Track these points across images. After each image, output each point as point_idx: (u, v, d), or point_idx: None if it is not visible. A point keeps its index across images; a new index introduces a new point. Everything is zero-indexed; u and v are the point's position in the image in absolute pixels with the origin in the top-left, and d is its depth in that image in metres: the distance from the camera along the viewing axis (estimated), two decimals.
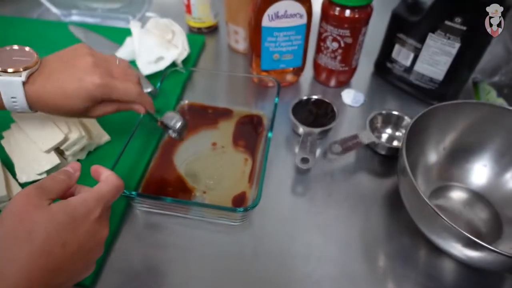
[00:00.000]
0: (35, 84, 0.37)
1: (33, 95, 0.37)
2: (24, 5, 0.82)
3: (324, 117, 0.55)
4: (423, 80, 0.58)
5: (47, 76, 0.37)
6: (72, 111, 0.39)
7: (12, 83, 0.35)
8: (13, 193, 0.45)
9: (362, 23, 0.54)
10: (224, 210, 0.43)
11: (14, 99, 0.36)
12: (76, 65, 0.38)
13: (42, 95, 0.37)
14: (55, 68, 0.38)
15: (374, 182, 0.51)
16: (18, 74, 0.35)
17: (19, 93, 0.36)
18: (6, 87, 0.35)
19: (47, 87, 0.37)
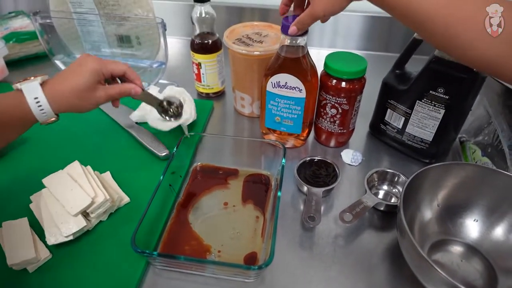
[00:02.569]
0: (49, 84, 0.46)
1: (51, 90, 0.46)
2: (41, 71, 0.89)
3: (327, 176, 0.60)
4: (415, 141, 0.64)
5: (57, 76, 0.48)
6: (82, 91, 0.47)
7: (31, 86, 0.45)
8: (40, 255, 0.48)
9: (357, 92, 0.61)
10: (239, 268, 0.46)
11: (37, 99, 0.45)
12: (76, 61, 0.49)
13: (57, 86, 0.46)
14: (62, 72, 0.49)
15: (375, 237, 0.55)
16: (33, 80, 0.45)
17: (39, 92, 0.45)
18: (28, 91, 0.44)
19: (59, 79, 0.47)
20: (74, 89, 0.47)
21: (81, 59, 0.49)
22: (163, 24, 0.73)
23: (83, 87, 0.47)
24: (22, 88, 0.44)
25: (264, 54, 0.66)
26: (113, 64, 0.51)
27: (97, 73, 0.48)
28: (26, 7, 1.08)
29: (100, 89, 0.49)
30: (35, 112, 0.45)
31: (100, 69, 0.49)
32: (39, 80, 0.45)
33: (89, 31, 0.78)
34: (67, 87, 0.47)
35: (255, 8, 1.00)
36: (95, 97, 0.49)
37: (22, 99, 0.44)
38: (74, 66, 0.49)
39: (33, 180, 0.57)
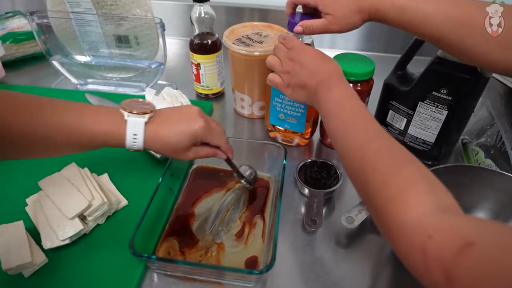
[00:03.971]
0: (153, 124, 0.45)
1: (151, 133, 0.45)
2: (42, 75, 0.89)
3: (329, 179, 0.59)
4: (417, 142, 0.64)
5: (164, 119, 0.46)
6: (177, 148, 0.46)
7: (136, 122, 0.44)
8: (36, 259, 0.47)
9: (365, 94, 0.60)
10: (240, 272, 0.45)
11: (135, 136, 0.44)
12: (186, 113, 0.48)
13: (158, 132, 0.45)
14: (170, 114, 0.48)
15: (378, 240, 0.54)
16: (141, 116, 0.44)
17: (141, 131, 0.44)
18: (131, 126, 0.44)
19: (163, 127, 0.45)
20: (170, 144, 0.46)
21: (194, 114, 0.47)
22: (162, 24, 0.72)
23: (180, 147, 0.46)
24: (128, 121, 0.44)
25: (265, 54, 0.65)
26: (215, 137, 0.49)
27: (197, 138, 0.47)
28: (23, 7, 1.07)
29: (191, 151, 0.48)
30: (127, 145, 0.44)
31: (202, 136, 0.47)
32: (146, 119, 0.44)
33: (87, 31, 0.77)
34: (165, 139, 0.45)
35: (255, 8, 0.99)
36: (185, 155, 0.48)
37: (121, 129, 0.44)
38: (184, 117, 0.47)
39: (29, 183, 0.56)
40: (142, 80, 0.84)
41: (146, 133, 0.44)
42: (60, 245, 0.48)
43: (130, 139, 0.44)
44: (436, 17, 0.46)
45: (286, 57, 0.52)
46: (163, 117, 0.46)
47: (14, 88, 0.82)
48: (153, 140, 0.45)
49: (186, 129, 0.46)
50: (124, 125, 0.44)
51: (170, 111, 0.48)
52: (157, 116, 0.46)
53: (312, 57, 0.50)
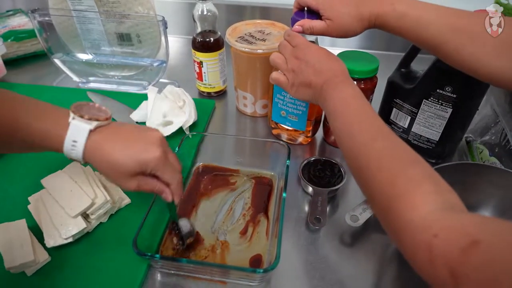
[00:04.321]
0: (100, 134, 0.40)
1: (94, 144, 0.39)
2: (43, 73, 0.88)
3: (332, 177, 0.59)
4: (421, 140, 0.63)
5: (116, 133, 0.41)
6: (120, 171, 0.40)
7: (79, 127, 0.39)
8: (39, 258, 0.47)
9: (368, 92, 0.60)
10: (244, 271, 0.45)
11: (74, 143, 0.39)
12: (145, 135, 0.42)
13: (103, 146, 0.40)
14: (125, 131, 0.42)
15: (382, 238, 0.53)
16: (87, 121, 0.39)
17: (82, 138, 0.39)
18: (73, 131, 0.39)
19: (111, 140, 0.40)
20: (113, 164, 0.40)
21: (153, 139, 0.42)
22: (164, 22, 0.71)
23: (122, 170, 0.40)
24: (71, 124, 0.39)
25: (268, 52, 0.65)
26: (168, 173, 0.43)
27: (146, 168, 0.41)
28: (25, 5, 1.07)
29: (135, 179, 0.42)
30: (65, 150, 0.39)
31: (153, 168, 0.42)
32: (92, 126, 0.39)
33: (89, 29, 0.76)
34: (109, 156, 0.40)
35: (256, 6, 0.99)
36: (126, 183, 0.42)
37: (62, 131, 0.39)
38: (141, 139, 0.42)
39: (32, 181, 0.56)
40: (144, 78, 0.83)
41: (88, 143, 0.39)
42: (63, 244, 0.48)
43: (69, 144, 0.39)
44: (437, 25, 0.46)
45: (292, 55, 0.51)
46: (116, 131, 0.41)
47: (16, 86, 0.82)
48: (95, 153, 0.40)
49: (137, 154, 0.40)
50: (66, 127, 0.39)
51: (128, 127, 0.43)
52: (109, 128, 0.41)
53: (317, 55, 0.49)
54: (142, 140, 0.42)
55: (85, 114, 0.39)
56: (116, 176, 0.41)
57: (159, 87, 0.74)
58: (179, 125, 0.68)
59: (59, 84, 0.85)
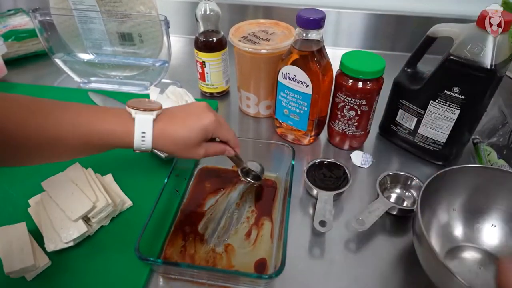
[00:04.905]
0: (162, 121, 0.44)
1: (159, 130, 0.43)
2: (44, 73, 0.87)
3: (338, 180, 0.58)
4: (427, 142, 0.62)
5: (172, 116, 0.45)
6: (188, 144, 0.45)
7: (144, 119, 0.42)
8: (39, 262, 0.46)
9: (375, 93, 0.59)
10: (249, 277, 0.44)
11: (143, 134, 0.42)
12: (194, 108, 0.47)
13: (167, 129, 0.44)
14: (177, 111, 0.46)
15: (388, 242, 0.53)
16: (149, 113, 0.43)
17: (149, 128, 0.42)
18: (140, 123, 0.42)
19: (171, 122, 0.44)
20: (180, 140, 0.44)
21: (202, 109, 0.46)
22: (166, 22, 0.70)
23: (189, 142, 0.45)
24: (136, 118, 0.42)
25: (272, 52, 0.64)
26: (225, 131, 0.48)
27: (208, 133, 0.46)
28: (25, 5, 1.06)
29: (202, 147, 0.46)
30: (135, 144, 0.43)
31: (212, 131, 0.46)
32: (154, 115, 0.43)
33: (90, 28, 0.75)
34: (175, 135, 0.44)
35: (259, 5, 0.98)
36: (195, 152, 0.46)
37: (130, 127, 0.42)
38: (192, 112, 0.46)
39: (32, 183, 0.55)
40: (146, 78, 0.82)
41: (154, 131, 0.43)
42: (63, 248, 0.47)
43: (139, 137, 0.42)
44: None
45: None
46: (170, 114, 0.45)
47: (17, 86, 0.81)
48: (163, 137, 0.43)
49: (196, 124, 0.45)
50: (132, 123, 0.42)
51: (178, 108, 0.47)
52: (165, 114, 0.45)
53: None
54: (194, 113, 0.46)
55: (143, 107, 0.43)
56: (185, 151, 0.45)
57: (161, 88, 0.73)
58: None
59: (60, 84, 0.84)
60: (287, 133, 0.69)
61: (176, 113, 0.46)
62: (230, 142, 0.50)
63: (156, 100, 0.47)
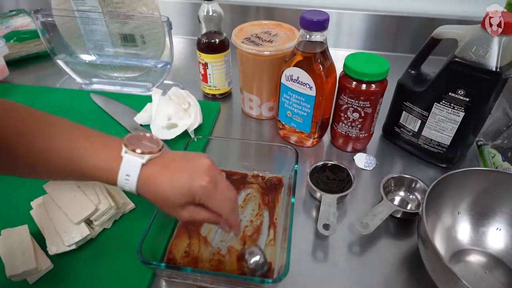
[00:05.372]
0: (151, 169, 0.40)
1: (145, 179, 0.39)
2: (46, 75, 0.87)
3: (341, 182, 0.58)
4: (431, 144, 0.62)
5: (165, 166, 0.40)
6: (169, 202, 0.40)
7: (133, 162, 0.39)
8: (41, 265, 0.46)
9: (379, 95, 0.59)
10: (252, 281, 0.43)
11: (128, 177, 0.39)
12: (193, 164, 0.41)
13: (152, 180, 0.40)
14: (174, 160, 0.41)
15: (392, 245, 0.52)
16: (141, 155, 0.39)
17: (135, 172, 0.39)
18: (127, 165, 0.39)
19: (160, 175, 0.40)
20: (163, 197, 0.40)
21: (200, 167, 0.40)
22: (168, 23, 0.70)
23: (170, 202, 0.40)
24: (123, 158, 0.39)
25: (275, 54, 0.64)
26: (217, 202, 0.41)
27: (195, 197, 0.40)
28: (27, 6, 1.06)
29: (186, 210, 0.41)
30: (119, 184, 0.40)
31: (200, 197, 0.40)
32: (145, 160, 0.39)
33: (92, 29, 0.75)
34: (158, 189, 0.39)
35: (260, 6, 0.98)
36: (178, 213, 0.41)
37: (116, 164, 0.39)
38: (188, 167, 0.40)
39: (34, 185, 0.55)
40: (148, 79, 0.82)
41: (141, 177, 0.39)
42: (65, 251, 0.47)
43: (123, 178, 0.39)
44: None
45: None
46: (165, 161, 0.41)
47: (18, 87, 0.81)
48: (147, 187, 0.40)
49: (184, 183, 0.39)
50: (119, 161, 0.39)
51: (177, 157, 0.42)
52: (160, 159, 0.40)
53: None
54: (189, 169, 0.40)
55: (137, 147, 0.39)
56: (167, 207, 0.41)
57: (163, 89, 0.72)
58: (184, 128, 0.67)
59: (62, 86, 0.84)
60: (290, 135, 0.69)
61: (171, 164, 0.41)
62: (223, 216, 0.42)
63: (159, 140, 0.42)
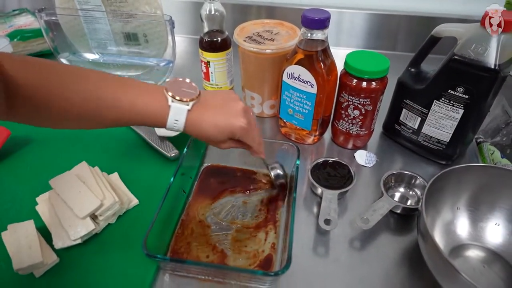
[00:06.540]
0: (195, 113, 0.45)
1: (191, 121, 0.45)
2: None
3: (342, 178, 0.59)
4: (431, 142, 0.62)
5: (206, 109, 0.46)
6: (213, 139, 0.47)
7: (180, 109, 0.44)
8: (47, 259, 0.46)
9: (379, 92, 0.59)
10: (254, 274, 0.44)
11: (176, 121, 0.44)
12: (230, 107, 0.47)
13: (198, 122, 0.45)
14: (213, 104, 0.47)
15: (392, 241, 0.53)
16: (185, 103, 0.44)
17: (182, 117, 0.44)
18: (175, 111, 0.44)
19: (204, 117, 0.45)
20: (208, 135, 0.46)
21: (238, 110, 0.47)
22: (171, 22, 0.71)
23: (216, 139, 0.47)
24: (171, 106, 0.43)
25: (276, 52, 0.65)
26: (251, 138, 0.49)
27: (235, 136, 0.47)
28: (30, 5, 1.06)
29: (227, 143, 0.48)
30: (168, 126, 0.44)
31: (239, 136, 0.47)
32: (190, 106, 0.44)
33: (96, 28, 0.76)
34: (203, 129, 0.45)
35: (262, 6, 0.99)
36: (221, 146, 0.49)
37: (164, 111, 0.43)
38: (226, 110, 0.46)
39: (40, 181, 0.56)
40: (150, 78, 0.83)
41: (187, 120, 0.44)
42: (71, 245, 0.48)
43: (172, 122, 0.44)
44: None
45: None
46: (206, 104, 0.46)
47: None
48: (193, 127, 0.45)
49: (226, 124, 0.45)
50: (167, 109, 0.43)
51: (215, 98, 0.48)
52: (201, 103, 0.45)
53: None
54: (229, 112, 0.46)
55: (179, 95, 0.44)
56: (210, 141, 0.48)
57: None
58: None
59: None
60: (291, 132, 0.69)
61: (212, 105, 0.46)
62: (253, 149, 0.51)
63: (194, 85, 0.47)
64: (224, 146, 0.49)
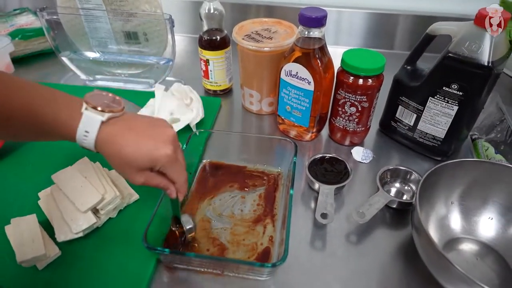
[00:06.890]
0: (113, 129, 0.40)
1: (106, 138, 0.39)
2: (51, 71, 0.89)
3: (339, 174, 0.60)
4: (426, 138, 0.64)
5: (128, 129, 0.40)
6: (131, 165, 0.40)
7: (92, 118, 0.39)
8: (50, 252, 0.47)
9: (375, 90, 0.60)
10: (252, 265, 0.45)
11: (86, 133, 0.39)
12: (158, 132, 0.42)
13: (116, 142, 0.40)
14: (139, 126, 0.42)
15: (387, 235, 0.54)
16: (100, 112, 0.39)
17: (94, 129, 0.39)
18: (86, 121, 0.39)
19: (124, 137, 0.40)
20: (125, 158, 0.40)
21: (166, 137, 0.42)
22: (171, 21, 0.72)
23: (133, 165, 0.40)
24: (83, 114, 0.39)
25: (274, 50, 0.66)
26: (176, 171, 0.44)
27: (156, 165, 0.41)
28: (31, 4, 1.07)
29: (143, 175, 0.42)
30: (77, 139, 0.40)
31: (162, 166, 0.41)
32: (105, 118, 0.39)
33: (96, 27, 0.77)
34: (122, 149, 0.40)
35: (261, 5, 1.00)
36: (134, 177, 0.42)
37: (75, 120, 0.39)
38: (153, 134, 0.41)
39: (42, 176, 0.57)
40: (150, 76, 0.84)
41: (99, 134, 0.39)
42: (73, 238, 0.49)
43: (81, 134, 0.39)
44: None
45: None
46: (128, 123, 0.41)
47: None
48: (106, 145, 0.40)
49: (149, 149, 0.40)
50: (79, 117, 0.39)
51: (141, 121, 0.43)
52: (122, 120, 0.41)
53: None
54: (154, 137, 0.41)
55: (98, 105, 0.39)
56: (125, 169, 0.41)
57: (166, 85, 0.74)
58: (186, 122, 0.68)
59: (66, 82, 0.86)
60: (289, 129, 0.71)
61: (135, 127, 0.41)
62: (176, 185, 0.45)
63: (121, 100, 0.42)
64: (139, 179, 0.41)
